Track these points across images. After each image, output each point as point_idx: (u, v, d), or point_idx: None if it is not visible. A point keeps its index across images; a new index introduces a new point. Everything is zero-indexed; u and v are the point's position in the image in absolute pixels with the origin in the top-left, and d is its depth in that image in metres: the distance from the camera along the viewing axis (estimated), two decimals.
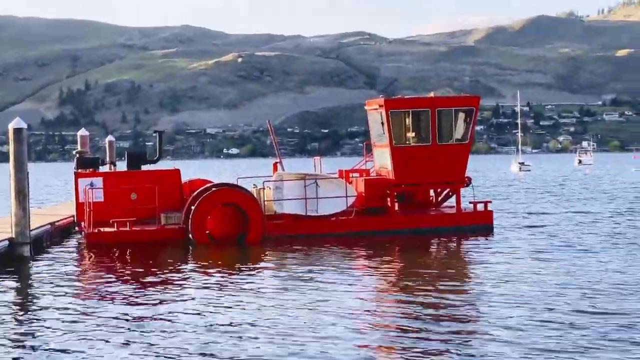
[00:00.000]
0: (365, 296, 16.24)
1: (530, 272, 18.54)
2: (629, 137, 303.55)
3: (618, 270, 18.55)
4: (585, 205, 40.16)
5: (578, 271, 18.53)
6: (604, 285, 16.47)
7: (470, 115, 27.45)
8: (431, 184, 27.70)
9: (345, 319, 13.84)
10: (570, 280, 17.23)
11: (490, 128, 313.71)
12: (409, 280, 17.84)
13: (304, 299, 15.70)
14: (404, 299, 15.57)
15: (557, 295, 15.57)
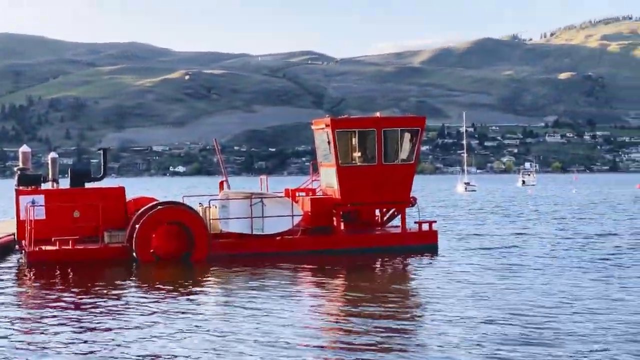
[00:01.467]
0: (310, 315, 16.20)
1: (473, 291, 18.71)
2: (570, 158, 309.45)
3: (558, 289, 18.83)
4: (528, 225, 40.73)
5: (519, 290, 18.75)
6: (544, 304, 16.70)
7: (416, 135, 27.68)
8: (377, 203, 27.83)
9: (289, 339, 13.80)
10: (511, 300, 17.43)
11: (436, 148, 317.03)
12: (353, 300, 17.85)
13: (249, 319, 15.61)
14: (349, 319, 15.58)
15: (497, 313, 15.74)
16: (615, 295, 17.99)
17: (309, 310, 16.78)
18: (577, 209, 56.55)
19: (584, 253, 26.75)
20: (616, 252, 27.01)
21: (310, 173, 30.69)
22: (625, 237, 32.92)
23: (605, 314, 15.71)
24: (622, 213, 51.15)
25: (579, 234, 34.73)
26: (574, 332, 14.02)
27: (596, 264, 23.79)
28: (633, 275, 21.21)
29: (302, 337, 13.96)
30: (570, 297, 17.76)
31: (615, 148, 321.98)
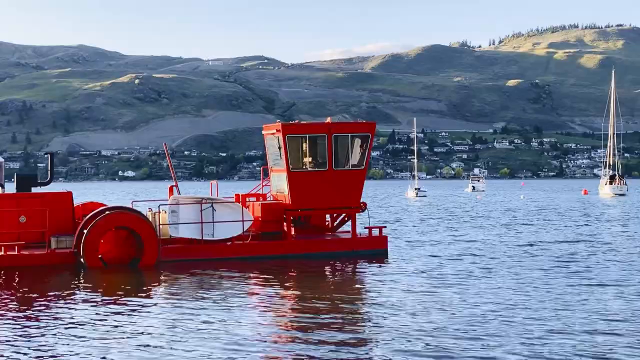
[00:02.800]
0: (260, 321, 16.15)
1: (422, 297, 18.83)
2: (518, 164, 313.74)
3: (506, 295, 19.05)
4: (477, 230, 41.16)
5: (467, 297, 18.92)
6: (490, 309, 16.90)
7: (366, 141, 27.80)
8: (327, 208, 27.88)
9: (239, 345, 13.74)
10: (460, 305, 17.58)
11: (386, 154, 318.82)
12: (303, 305, 17.84)
13: (199, 325, 15.50)
14: (299, 324, 15.57)
15: (445, 320, 15.88)
16: (564, 300, 18.26)
17: (259, 316, 16.72)
18: (526, 215, 57.31)
19: (534, 258, 27.11)
20: (565, 258, 27.42)
21: (261, 178, 30.62)
22: (573, 243, 33.45)
23: (551, 319, 15.93)
24: (569, 219, 51.99)
25: (528, 239, 35.20)
26: (523, 336, 14.19)
27: (544, 269, 24.12)
28: (580, 280, 21.56)
29: (252, 343, 13.90)
30: (518, 302, 17.97)
31: (561, 154, 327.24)
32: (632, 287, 20.14)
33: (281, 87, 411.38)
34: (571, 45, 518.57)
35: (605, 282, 20.96)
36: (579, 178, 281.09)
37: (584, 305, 17.45)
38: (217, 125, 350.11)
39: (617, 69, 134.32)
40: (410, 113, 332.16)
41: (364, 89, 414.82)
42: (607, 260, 26.28)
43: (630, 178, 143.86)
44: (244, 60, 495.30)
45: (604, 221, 48.73)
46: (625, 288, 19.94)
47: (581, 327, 14.94)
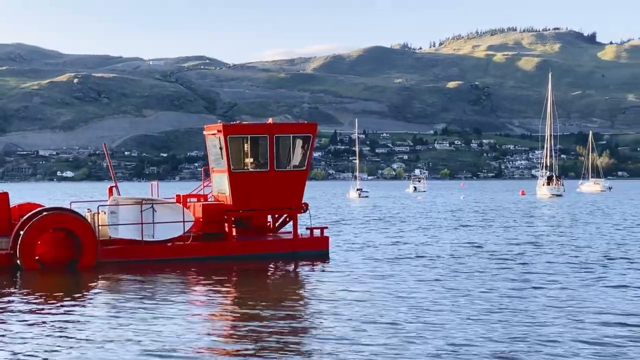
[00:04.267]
0: (200, 323, 16.08)
1: (363, 298, 18.96)
2: (458, 165, 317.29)
3: (445, 295, 19.30)
4: (418, 231, 41.54)
5: (408, 296, 19.11)
6: (430, 307, 17.10)
7: (308, 141, 27.86)
8: (269, 209, 27.87)
9: (179, 347, 13.67)
10: (399, 306, 17.75)
11: (328, 155, 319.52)
12: (244, 306, 17.82)
13: (138, 328, 15.37)
14: (239, 325, 15.56)
15: (385, 319, 16.02)
16: (500, 299, 18.56)
17: (199, 318, 16.64)
18: (467, 215, 58.02)
19: (474, 259, 27.46)
20: (507, 257, 27.85)
21: (202, 179, 30.44)
22: (512, 242, 33.97)
23: (487, 321, 16.17)
24: (509, 219, 52.78)
25: (468, 239, 35.65)
26: (463, 337, 14.39)
27: (484, 269, 24.46)
28: (515, 277, 21.94)
29: (192, 345, 13.84)
30: (456, 302, 18.21)
31: (500, 155, 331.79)
32: (565, 289, 20.56)
33: (223, 88, 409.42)
34: (510, 48, 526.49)
35: (541, 281, 21.36)
36: (518, 179, 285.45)
37: (515, 303, 17.77)
38: (158, 126, 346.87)
39: (554, 71, 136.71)
40: (352, 114, 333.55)
41: (306, 89, 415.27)
42: (540, 257, 26.79)
43: (567, 179, 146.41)
44: (185, 60, 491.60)
45: (541, 221, 49.63)
46: (560, 291, 20.34)
47: (510, 324, 15.22)
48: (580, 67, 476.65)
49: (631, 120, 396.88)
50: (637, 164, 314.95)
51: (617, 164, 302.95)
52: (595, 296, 18.75)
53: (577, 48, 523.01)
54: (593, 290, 19.61)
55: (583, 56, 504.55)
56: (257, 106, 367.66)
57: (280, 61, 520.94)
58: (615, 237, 35.85)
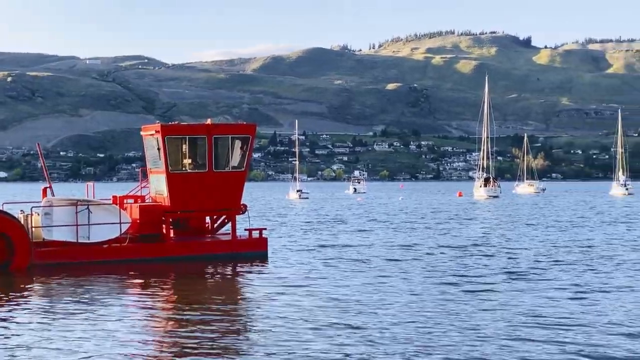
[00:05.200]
0: (136, 326, 15.84)
1: (300, 298, 18.93)
2: (397, 167, 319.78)
3: (381, 294, 19.38)
4: (357, 233, 41.68)
5: (347, 297, 19.14)
6: (365, 309, 17.15)
7: (247, 142, 27.72)
8: (207, 210, 27.65)
9: (114, 350, 13.44)
10: (337, 307, 17.76)
11: (268, 156, 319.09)
12: (182, 309, 17.63)
13: (73, 331, 15.08)
14: (176, 328, 15.39)
15: (323, 320, 16.02)
16: (436, 300, 18.71)
17: (136, 321, 16.40)
18: (406, 217, 58.45)
19: (411, 260, 27.65)
20: (443, 259, 28.10)
21: (139, 180, 30.08)
22: (449, 245, 34.32)
23: (409, 321, 16.29)
24: (446, 221, 53.34)
25: (406, 241, 35.89)
26: (397, 338, 14.46)
27: (421, 272, 24.64)
28: (447, 278, 22.16)
29: (128, 348, 13.63)
30: (392, 304, 18.30)
31: (438, 157, 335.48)
32: (496, 292, 20.83)
33: (162, 88, 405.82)
34: (448, 51, 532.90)
35: (474, 283, 21.61)
36: (455, 180, 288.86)
37: (449, 306, 17.94)
38: (94, 126, 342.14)
39: (490, 75, 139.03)
40: (291, 115, 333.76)
41: (246, 90, 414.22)
42: (474, 260, 27.12)
43: (503, 180, 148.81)
44: (123, 59, 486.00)
45: (477, 222, 50.28)
46: (493, 293, 20.59)
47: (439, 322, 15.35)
48: (516, 70, 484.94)
49: (565, 123, 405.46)
50: (570, 166, 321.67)
51: (552, 166, 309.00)
52: (528, 299, 19.02)
53: (513, 52, 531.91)
54: (525, 293, 19.88)
55: (519, 60, 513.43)
56: (197, 107, 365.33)
57: (219, 62, 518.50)
58: (551, 239, 36.50)
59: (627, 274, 23.39)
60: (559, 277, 22.60)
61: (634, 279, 22.27)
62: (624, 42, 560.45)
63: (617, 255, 28.50)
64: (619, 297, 18.86)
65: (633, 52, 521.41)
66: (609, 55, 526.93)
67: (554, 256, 28.17)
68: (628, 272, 23.67)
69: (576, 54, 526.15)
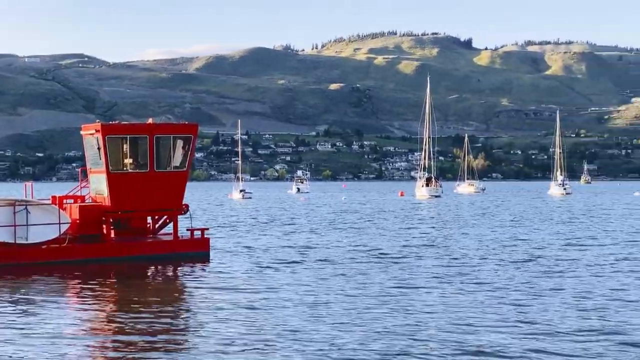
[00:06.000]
0: (76, 327, 15.66)
1: (242, 300, 18.93)
2: (339, 166, 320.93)
3: (324, 295, 19.48)
4: (301, 233, 41.75)
5: (289, 297, 19.19)
6: (308, 310, 17.24)
7: (189, 142, 27.59)
8: (148, 210, 27.44)
9: (55, 352, 13.28)
10: (280, 306, 17.81)
11: (210, 155, 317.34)
12: (122, 310, 17.48)
13: (11, 334, 14.85)
14: (117, 329, 15.26)
15: (265, 320, 16.06)
16: (382, 299, 18.87)
17: (75, 323, 16.22)
18: (348, 216, 58.72)
19: (352, 261, 27.82)
20: (386, 258, 28.32)
21: (79, 179, 29.71)
22: (391, 245, 34.60)
23: (349, 322, 16.43)
24: (388, 220, 53.75)
25: (349, 240, 36.08)
26: (342, 340, 14.56)
27: (366, 271, 24.81)
28: (393, 276, 22.38)
29: (67, 349, 13.49)
30: (334, 304, 18.42)
31: (380, 157, 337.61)
32: (441, 290, 21.10)
33: (102, 87, 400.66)
34: (390, 51, 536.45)
35: (421, 282, 21.86)
36: (397, 180, 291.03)
37: (392, 303, 18.13)
38: (33, 125, 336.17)
39: (432, 75, 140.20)
40: (234, 115, 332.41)
41: (188, 89, 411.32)
42: (417, 260, 27.42)
43: (445, 180, 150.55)
44: (63, 57, 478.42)
45: (419, 221, 50.79)
46: (438, 291, 20.86)
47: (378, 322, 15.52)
48: (457, 71, 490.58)
49: (504, 124, 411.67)
50: (510, 166, 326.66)
51: (492, 166, 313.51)
52: (472, 299, 19.31)
53: (454, 53, 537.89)
54: (468, 294, 20.19)
55: (460, 61, 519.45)
56: (138, 106, 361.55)
57: (161, 60, 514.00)
58: (494, 236, 37.07)
59: (558, 274, 23.88)
60: (502, 277, 22.97)
61: (564, 279, 22.77)
62: (562, 45, 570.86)
63: (550, 255, 29.09)
64: (547, 300, 19.26)
65: (571, 54, 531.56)
66: (547, 57, 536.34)
67: (499, 255, 28.61)
68: (560, 272, 24.17)
69: (516, 56, 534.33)
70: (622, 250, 30.65)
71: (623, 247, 32.11)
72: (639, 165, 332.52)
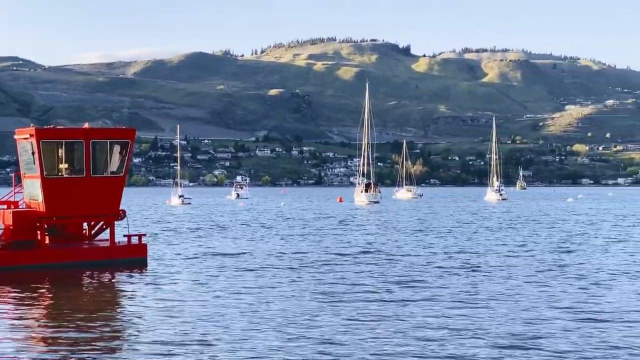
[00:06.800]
0: (8, 336, 15.36)
1: (180, 304, 18.81)
2: (279, 172, 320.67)
3: (256, 303, 19.47)
4: (239, 239, 41.59)
5: (226, 303, 19.12)
6: (239, 317, 17.21)
7: (126, 147, 27.30)
8: (84, 216, 27.06)
9: None
10: (211, 311, 17.73)
11: (149, 161, 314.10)
12: (56, 317, 17.20)
13: None
14: (49, 336, 15.02)
15: (202, 326, 15.98)
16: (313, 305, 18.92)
17: (8, 331, 15.91)
18: (288, 222, 58.69)
19: (295, 270, 27.83)
20: (322, 265, 28.39)
21: (13, 185, 29.15)
22: (329, 252, 34.70)
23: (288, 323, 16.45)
24: (327, 226, 53.89)
25: (287, 247, 36.08)
26: (272, 346, 14.57)
27: (300, 279, 24.85)
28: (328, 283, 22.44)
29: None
30: (268, 312, 18.41)
31: (320, 163, 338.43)
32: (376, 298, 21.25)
33: (37, 90, 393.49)
34: (329, 57, 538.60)
35: (352, 289, 21.98)
36: (337, 186, 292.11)
37: (326, 309, 18.21)
38: None
39: (371, 82, 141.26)
40: (173, 120, 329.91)
41: (126, 94, 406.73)
42: (352, 267, 27.57)
43: (383, 186, 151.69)
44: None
45: (355, 227, 51.05)
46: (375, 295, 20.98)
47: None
48: (395, 77, 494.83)
49: (442, 130, 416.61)
50: (447, 172, 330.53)
51: (430, 171, 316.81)
52: (410, 311, 19.48)
53: (392, 59, 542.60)
54: (409, 303, 20.36)
55: (398, 67, 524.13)
56: (75, 110, 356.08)
57: (99, 64, 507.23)
58: (435, 245, 37.49)
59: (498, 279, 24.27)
60: (445, 285, 23.24)
61: (507, 285, 23.15)
62: (498, 52, 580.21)
63: (486, 263, 29.53)
64: (495, 305, 19.57)
65: (507, 62, 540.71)
66: (484, 65, 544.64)
67: (438, 263, 28.92)
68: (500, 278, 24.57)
69: (453, 63, 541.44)
70: (554, 257, 31.28)
71: (552, 253, 32.77)
72: (572, 171, 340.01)
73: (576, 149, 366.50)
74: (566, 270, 25.73)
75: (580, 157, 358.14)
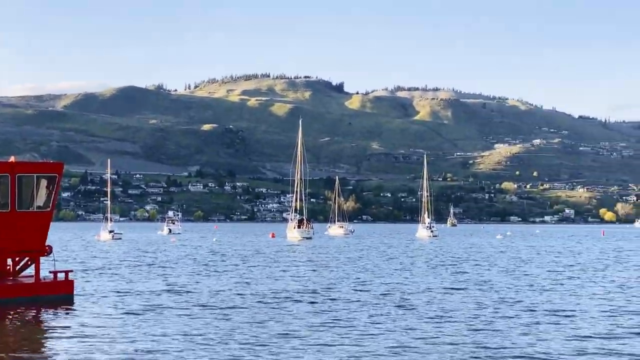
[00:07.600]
0: None
1: (106, 344, 18.40)
2: (212, 207, 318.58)
3: (187, 341, 19.18)
4: (173, 274, 41.05)
5: (154, 340, 18.78)
6: (173, 352, 16.92)
7: (53, 181, 26.77)
8: (9, 252, 26.36)
9: None
10: (143, 350, 17.40)
11: (78, 195, 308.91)
12: None
13: None
14: None
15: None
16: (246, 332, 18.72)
17: None
18: (219, 258, 58.25)
19: (228, 309, 27.56)
20: (258, 301, 28.19)
21: None
22: (258, 288, 34.50)
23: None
24: (260, 261, 53.64)
25: (220, 283, 35.76)
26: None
27: (233, 315, 24.62)
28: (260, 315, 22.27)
29: None
30: (198, 348, 18.16)
31: (253, 198, 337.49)
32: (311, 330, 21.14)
33: None
34: (263, 93, 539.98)
35: (286, 323, 21.84)
36: (270, 222, 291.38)
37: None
38: None
39: (304, 118, 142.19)
40: (104, 154, 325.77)
41: (56, 127, 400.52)
42: (286, 303, 27.45)
43: (316, 222, 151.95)
44: None
45: (287, 263, 50.92)
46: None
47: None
48: (329, 114, 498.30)
49: (374, 167, 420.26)
50: (380, 208, 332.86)
51: (362, 208, 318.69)
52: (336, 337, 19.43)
53: (326, 96, 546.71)
54: (333, 334, 20.32)
55: (332, 104, 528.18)
56: (2, 143, 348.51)
57: (27, 97, 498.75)
58: (363, 279, 37.56)
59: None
60: (372, 323, 23.25)
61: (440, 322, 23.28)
62: (430, 91, 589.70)
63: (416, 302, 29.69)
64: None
65: (438, 101, 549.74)
66: (416, 103, 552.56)
67: (370, 303, 28.97)
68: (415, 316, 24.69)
69: (386, 101, 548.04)
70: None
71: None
72: (501, 208, 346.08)
73: (505, 186, 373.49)
74: (501, 307, 26.01)
75: (509, 195, 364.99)
